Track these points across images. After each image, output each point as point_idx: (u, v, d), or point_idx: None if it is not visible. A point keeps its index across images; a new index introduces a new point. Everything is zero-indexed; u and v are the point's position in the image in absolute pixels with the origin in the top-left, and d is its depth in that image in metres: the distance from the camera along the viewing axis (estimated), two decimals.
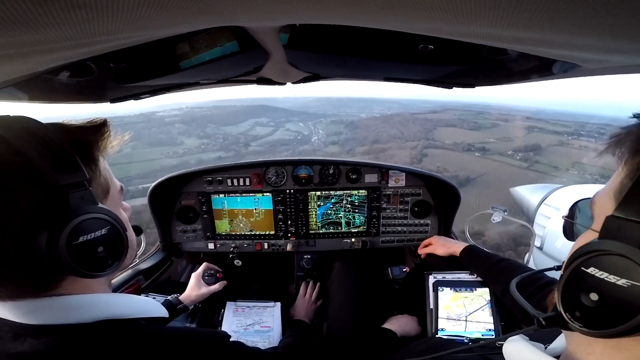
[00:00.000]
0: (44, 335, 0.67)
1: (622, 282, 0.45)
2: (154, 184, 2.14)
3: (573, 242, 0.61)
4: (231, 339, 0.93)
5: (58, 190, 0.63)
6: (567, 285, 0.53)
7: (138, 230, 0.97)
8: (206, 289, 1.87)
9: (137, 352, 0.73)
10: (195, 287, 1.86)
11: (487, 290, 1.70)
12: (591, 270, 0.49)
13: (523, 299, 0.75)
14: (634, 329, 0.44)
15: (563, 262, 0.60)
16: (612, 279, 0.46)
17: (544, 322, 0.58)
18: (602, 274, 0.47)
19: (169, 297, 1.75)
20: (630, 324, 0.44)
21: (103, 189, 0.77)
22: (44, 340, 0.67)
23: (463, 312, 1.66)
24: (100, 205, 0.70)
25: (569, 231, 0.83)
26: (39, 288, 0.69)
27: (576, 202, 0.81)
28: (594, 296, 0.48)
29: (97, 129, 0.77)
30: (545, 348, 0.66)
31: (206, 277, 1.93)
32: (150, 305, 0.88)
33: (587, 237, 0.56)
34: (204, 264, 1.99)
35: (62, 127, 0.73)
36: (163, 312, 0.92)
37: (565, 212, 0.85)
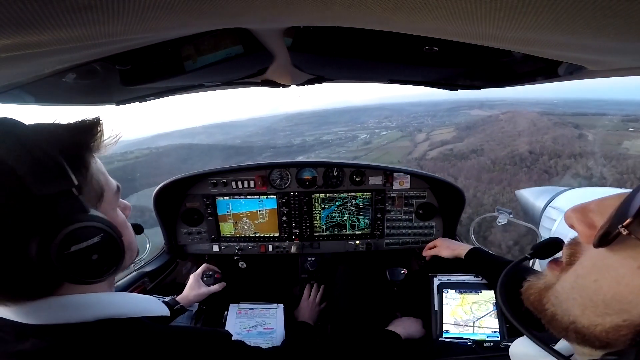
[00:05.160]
0: (46, 334, 0.67)
1: None
2: (159, 187, 2.15)
3: None
4: (233, 338, 0.93)
5: (45, 200, 0.61)
6: None
7: (138, 229, 0.97)
8: (205, 289, 1.87)
9: (139, 350, 0.73)
10: (194, 287, 1.86)
11: (492, 292, 1.68)
12: None
13: (505, 302, 0.76)
14: None
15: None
16: None
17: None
18: None
19: (166, 299, 1.75)
20: None
21: (96, 194, 0.75)
22: (46, 339, 0.67)
23: (470, 317, 1.64)
24: (91, 212, 0.67)
25: None
26: (38, 295, 0.68)
27: None
28: None
29: (89, 130, 0.72)
30: None
31: (205, 278, 1.93)
32: (152, 304, 0.88)
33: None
34: (203, 265, 2.00)
35: (50, 129, 0.70)
36: (165, 311, 0.92)
37: None
